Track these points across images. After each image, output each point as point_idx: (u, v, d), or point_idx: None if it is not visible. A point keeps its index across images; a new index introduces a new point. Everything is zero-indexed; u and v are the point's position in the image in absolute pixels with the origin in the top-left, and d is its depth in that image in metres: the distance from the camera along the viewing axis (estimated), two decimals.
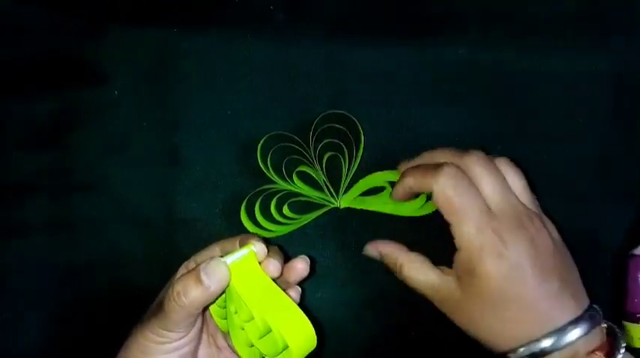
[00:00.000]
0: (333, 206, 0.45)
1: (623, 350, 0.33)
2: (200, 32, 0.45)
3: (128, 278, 0.46)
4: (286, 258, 0.38)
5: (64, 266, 0.45)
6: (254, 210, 0.44)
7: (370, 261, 0.41)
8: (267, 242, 0.36)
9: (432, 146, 0.45)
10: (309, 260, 0.38)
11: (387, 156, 0.45)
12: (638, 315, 0.44)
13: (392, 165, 0.43)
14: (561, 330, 0.33)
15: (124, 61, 0.45)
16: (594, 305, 0.35)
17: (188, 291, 0.33)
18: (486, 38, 0.46)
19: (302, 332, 0.33)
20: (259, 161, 0.44)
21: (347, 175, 0.44)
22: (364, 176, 0.45)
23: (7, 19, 0.45)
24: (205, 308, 0.36)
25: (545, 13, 0.47)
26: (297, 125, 0.45)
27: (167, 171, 0.46)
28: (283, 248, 0.42)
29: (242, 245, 0.36)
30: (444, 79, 0.46)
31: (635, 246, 0.45)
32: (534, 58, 0.46)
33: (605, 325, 0.35)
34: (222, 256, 0.34)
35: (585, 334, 0.33)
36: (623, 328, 0.45)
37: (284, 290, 0.35)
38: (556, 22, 0.47)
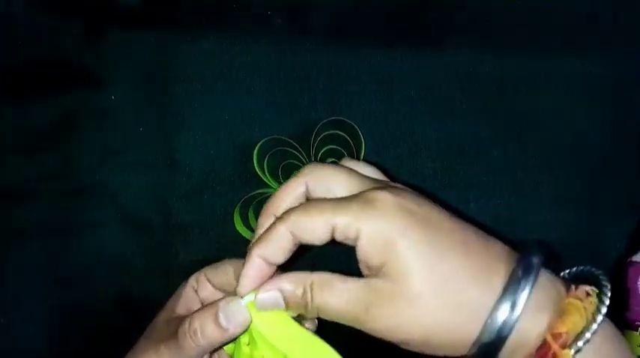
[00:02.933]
0: None
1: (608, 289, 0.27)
2: (198, 37, 0.46)
3: (126, 282, 0.46)
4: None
5: (62, 270, 0.45)
6: (248, 215, 0.44)
7: None
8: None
9: (430, 151, 0.45)
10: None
11: (386, 163, 0.45)
12: (637, 323, 0.44)
13: (392, 174, 0.43)
14: (515, 284, 0.26)
15: (123, 65, 0.46)
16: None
17: (205, 331, 0.31)
18: (486, 43, 0.46)
19: None
20: (256, 165, 0.44)
21: None
22: None
23: (5, 22, 0.46)
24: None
25: (544, 17, 0.46)
26: (295, 130, 0.45)
27: (165, 175, 0.46)
28: None
29: None
30: (444, 84, 0.46)
31: (635, 253, 0.45)
32: (534, 62, 0.46)
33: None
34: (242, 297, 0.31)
35: (547, 279, 0.27)
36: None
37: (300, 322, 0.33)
38: (555, 26, 0.46)
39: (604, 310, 0.26)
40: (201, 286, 0.37)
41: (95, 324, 0.46)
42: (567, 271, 0.30)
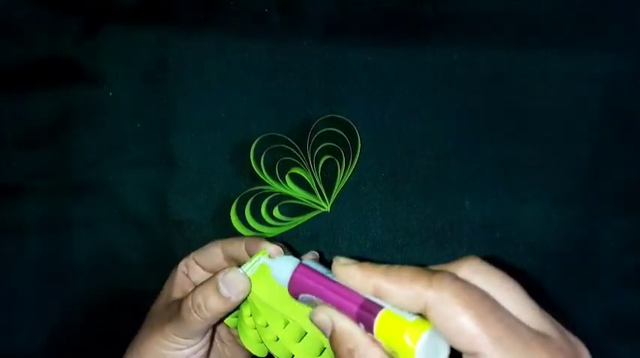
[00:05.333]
0: (322, 210, 0.45)
1: None
2: (195, 34, 0.46)
3: (123, 278, 0.46)
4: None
5: (59, 266, 0.46)
6: (244, 212, 0.45)
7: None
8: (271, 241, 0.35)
9: (425, 149, 0.45)
10: (318, 254, 0.35)
11: (381, 161, 0.45)
12: None
13: (388, 171, 0.43)
14: None
15: (121, 63, 0.46)
16: None
17: (209, 303, 0.32)
18: (482, 42, 0.46)
19: None
20: (252, 162, 0.44)
21: (341, 180, 0.45)
22: (358, 181, 0.45)
23: (4, 19, 0.46)
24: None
25: (540, 15, 0.46)
26: (291, 127, 0.45)
27: (162, 172, 0.46)
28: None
29: (249, 250, 0.35)
30: (440, 83, 0.46)
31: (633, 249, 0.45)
32: (530, 60, 0.46)
33: None
34: (239, 266, 0.33)
35: None
36: None
37: None
38: (551, 23, 0.46)
39: None
40: (191, 270, 0.37)
41: (93, 320, 0.46)
42: None
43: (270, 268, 0.32)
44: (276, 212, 0.44)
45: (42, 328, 0.46)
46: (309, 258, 0.33)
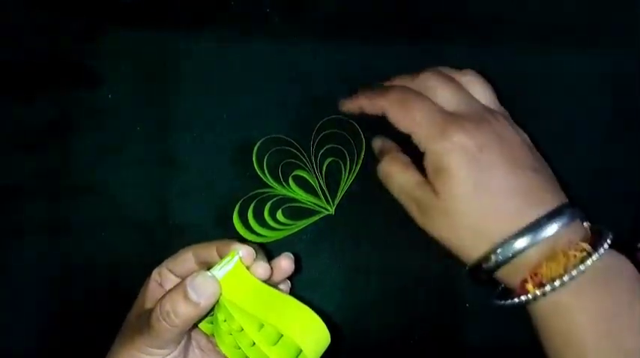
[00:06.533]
0: (327, 213, 0.44)
1: (608, 243, 0.31)
2: (196, 35, 0.45)
3: (123, 281, 0.45)
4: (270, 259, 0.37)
5: (59, 268, 0.45)
6: (247, 215, 0.44)
7: (366, 267, 0.40)
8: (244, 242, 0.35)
9: None
10: (292, 256, 0.36)
11: None
12: None
13: None
14: (537, 224, 0.31)
15: (121, 64, 0.45)
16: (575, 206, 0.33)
17: (178, 310, 0.31)
18: (485, 41, 0.46)
19: (314, 329, 0.31)
20: (255, 165, 0.44)
21: (346, 181, 0.44)
22: (363, 183, 0.44)
23: (4, 20, 0.45)
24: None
25: (544, 15, 0.46)
26: (294, 128, 0.45)
27: (163, 174, 0.45)
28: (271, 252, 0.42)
29: (221, 252, 0.34)
30: None
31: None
32: (532, 60, 0.46)
33: (588, 224, 0.33)
34: (208, 269, 0.33)
35: (564, 227, 0.31)
36: None
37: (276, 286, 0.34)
38: (555, 23, 0.46)
39: (586, 264, 0.30)
40: (164, 278, 0.37)
41: (92, 323, 0.45)
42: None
43: None
44: (279, 215, 0.44)
45: (41, 330, 0.46)
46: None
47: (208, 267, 0.34)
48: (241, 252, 0.33)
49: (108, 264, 0.46)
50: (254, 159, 0.44)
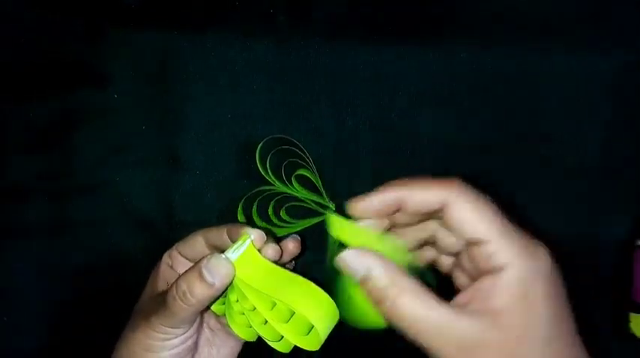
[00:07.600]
0: (330, 210, 0.45)
1: None
2: (201, 35, 0.46)
3: (128, 280, 0.45)
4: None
5: (64, 267, 0.46)
6: (251, 212, 0.44)
7: None
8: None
9: (432, 149, 0.45)
10: (299, 238, 0.38)
11: (388, 161, 0.45)
12: None
13: (395, 171, 0.43)
14: None
15: (125, 64, 0.46)
16: None
17: (193, 290, 0.32)
18: (487, 41, 0.46)
19: (324, 306, 0.33)
20: (258, 164, 0.44)
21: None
22: (366, 181, 0.44)
23: (8, 21, 0.46)
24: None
25: (545, 15, 0.46)
26: (297, 128, 0.45)
27: (167, 173, 0.46)
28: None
29: (231, 236, 0.35)
30: (446, 82, 0.46)
31: None
32: (535, 60, 0.46)
33: None
34: (222, 251, 0.34)
35: None
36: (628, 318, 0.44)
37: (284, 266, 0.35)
38: (556, 23, 0.46)
39: None
40: (175, 261, 0.38)
41: (97, 322, 0.46)
42: None
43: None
44: (283, 213, 0.44)
45: (46, 328, 0.46)
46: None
47: (219, 250, 0.35)
48: (253, 235, 0.35)
49: (113, 263, 0.46)
50: (257, 158, 0.44)
